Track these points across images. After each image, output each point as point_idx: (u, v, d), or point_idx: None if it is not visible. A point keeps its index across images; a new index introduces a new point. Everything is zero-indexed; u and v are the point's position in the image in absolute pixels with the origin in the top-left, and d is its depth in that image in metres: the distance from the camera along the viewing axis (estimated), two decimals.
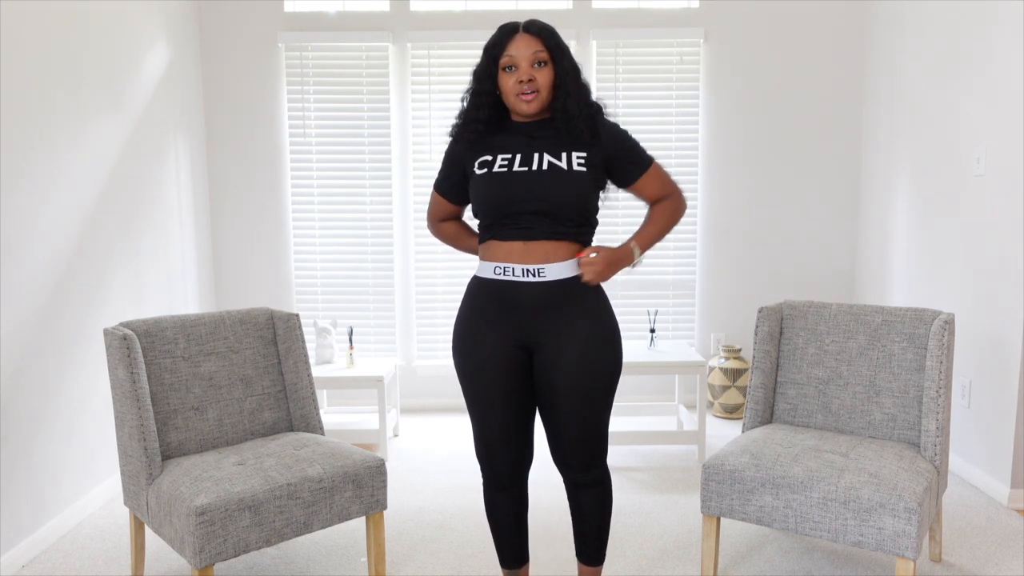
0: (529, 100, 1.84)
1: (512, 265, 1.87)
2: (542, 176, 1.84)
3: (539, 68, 1.84)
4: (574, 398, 1.89)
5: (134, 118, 3.43)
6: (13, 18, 2.61)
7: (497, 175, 1.87)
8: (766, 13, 4.24)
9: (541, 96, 1.85)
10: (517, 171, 1.85)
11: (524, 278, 1.87)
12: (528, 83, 1.83)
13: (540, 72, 1.84)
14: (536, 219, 1.85)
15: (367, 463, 2.32)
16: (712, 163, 4.34)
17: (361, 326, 4.42)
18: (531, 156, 1.87)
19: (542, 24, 1.88)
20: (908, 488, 2.06)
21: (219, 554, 2.04)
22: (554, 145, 1.87)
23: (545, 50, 1.84)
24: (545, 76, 1.85)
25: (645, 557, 2.59)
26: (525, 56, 1.83)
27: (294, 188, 4.36)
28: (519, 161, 1.86)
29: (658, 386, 4.48)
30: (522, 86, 1.83)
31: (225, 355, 2.51)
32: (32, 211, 2.70)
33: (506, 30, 1.87)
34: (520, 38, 1.85)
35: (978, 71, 3.17)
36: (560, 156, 1.86)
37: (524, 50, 1.83)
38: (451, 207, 2.10)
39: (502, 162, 1.88)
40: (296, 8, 4.26)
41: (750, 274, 4.41)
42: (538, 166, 1.85)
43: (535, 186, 1.83)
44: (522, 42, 1.84)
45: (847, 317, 2.54)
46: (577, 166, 1.85)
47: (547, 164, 1.85)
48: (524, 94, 1.83)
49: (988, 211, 3.10)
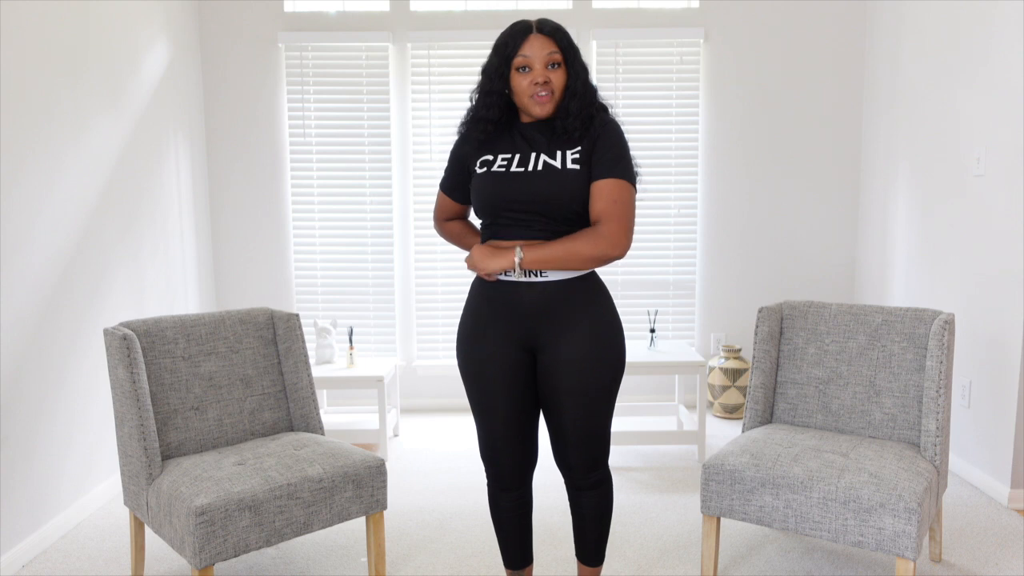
0: (544, 102, 1.83)
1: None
2: (537, 176, 1.83)
3: (553, 70, 1.83)
4: (576, 399, 1.89)
5: (134, 118, 3.43)
6: (13, 18, 2.61)
7: (495, 175, 1.87)
8: (766, 13, 4.24)
9: (555, 98, 1.84)
10: (514, 171, 1.85)
11: (525, 279, 1.87)
12: (544, 85, 1.82)
13: (554, 74, 1.83)
14: (534, 219, 1.84)
15: (367, 463, 2.32)
16: (712, 163, 4.34)
17: (361, 326, 4.42)
18: (528, 157, 1.86)
19: (555, 24, 1.86)
20: (908, 488, 2.06)
21: (219, 554, 2.04)
22: (551, 145, 1.87)
23: (559, 51, 1.83)
24: (559, 78, 1.84)
25: (645, 557, 2.59)
26: (540, 57, 1.82)
27: (294, 188, 4.36)
28: (517, 162, 1.86)
29: (658, 386, 4.48)
30: (537, 88, 1.82)
31: (225, 355, 2.51)
32: (32, 211, 2.70)
33: (519, 29, 1.85)
34: (535, 39, 1.83)
35: (978, 71, 3.17)
36: (555, 155, 1.85)
37: (539, 51, 1.82)
38: (456, 206, 2.10)
39: (501, 162, 1.88)
40: (296, 8, 4.26)
41: (750, 274, 4.41)
42: (534, 167, 1.85)
43: (530, 186, 1.83)
44: (537, 43, 1.83)
45: (847, 317, 2.54)
46: (571, 163, 1.83)
47: (543, 164, 1.84)
48: (539, 96, 1.83)
49: (988, 211, 3.10)
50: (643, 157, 4.28)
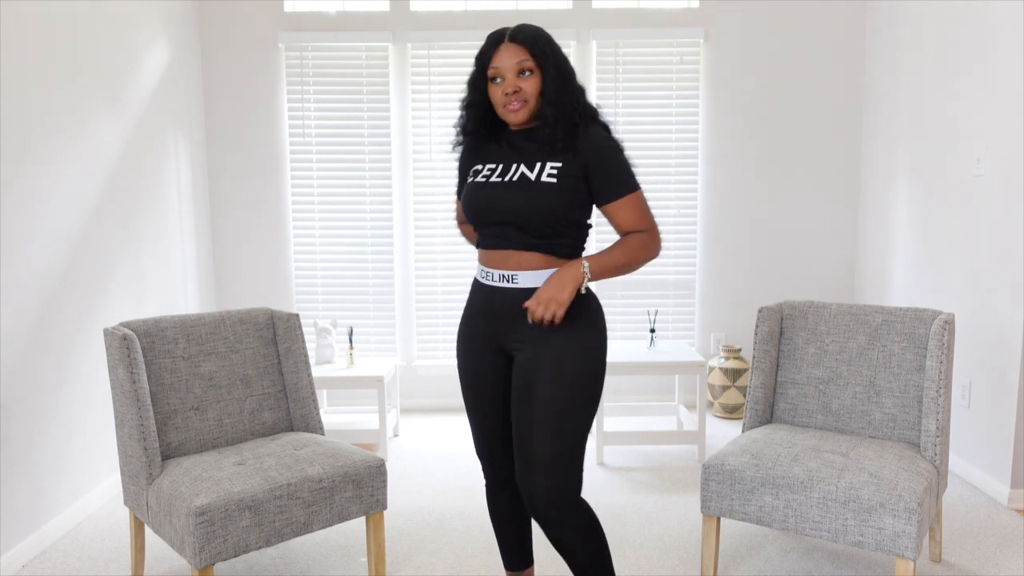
0: (515, 110, 1.81)
1: (492, 270, 1.88)
2: (510, 187, 1.81)
3: (524, 77, 1.80)
4: (531, 410, 1.78)
5: (134, 118, 3.43)
6: (13, 18, 2.61)
7: (477, 185, 1.88)
8: (766, 13, 4.24)
9: (529, 105, 1.81)
10: (493, 182, 1.85)
11: (500, 283, 1.86)
12: (513, 94, 1.80)
13: (526, 81, 1.80)
14: (506, 229, 1.83)
15: (367, 463, 2.32)
16: (712, 163, 4.34)
17: (361, 326, 4.42)
18: (510, 167, 1.85)
19: (530, 31, 1.82)
20: (908, 488, 2.06)
21: (219, 554, 2.04)
22: (533, 155, 1.83)
23: (531, 58, 1.79)
24: (532, 85, 1.80)
25: (645, 557, 2.59)
26: (509, 66, 1.79)
27: (294, 188, 4.36)
28: (499, 172, 1.86)
29: (658, 386, 4.48)
30: (508, 97, 1.80)
31: (225, 355, 2.51)
32: (32, 211, 2.70)
33: (492, 39, 1.83)
34: (504, 48, 1.80)
35: (978, 71, 3.17)
36: (534, 166, 1.81)
37: (508, 60, 1.79)
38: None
39: (486, 172, 1.88)
40: (296, 8, 4.26)
41: (750, 274, 4.41)
42: (511, 177, 1.83)
43: (501, 198, 1.82)
44: (506, 52, 1.80)
45: (847, 317, 2.54)
46: (547, 177, 1.78)
47: (519, 175, 1.82)
48: (510, 105, 1.81)
49: (988, 211, 3.10)
50: (643, 157, 4.28)
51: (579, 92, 1.83)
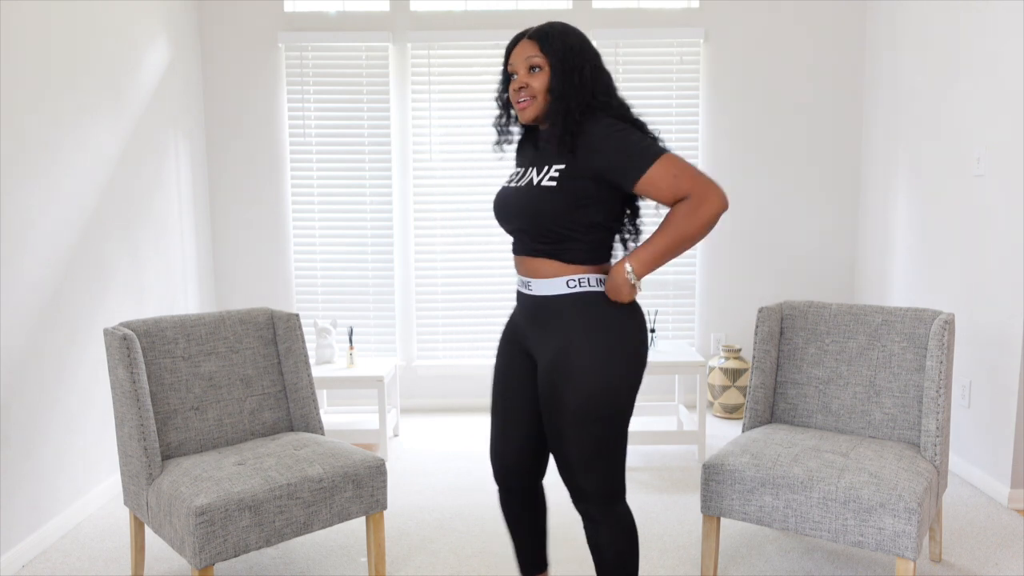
0: (523, 108, 1.79)
1: (518, 276, 1.90)
2: (519, 194, 1.80)
3: (533, 74, 1.77)
4: (550, 416, 1.79)
5: (134, 118, 3.43)
6: (13, 18, 2.61)
7: (500, 190, 1.89)
8: (766, 13, 4.24)
9: (537, 103, 1.77)
10: (510, 187, 1.85)
11: (523, 289, 1.88)
12: (520, 90, 1.78)
13: (534, 78, 1.76)
14: (521, 235, 1.83)
15: (367, 463, 2.32)
16: (712, 163, 4.34)
17: (361, 326, 4.42)
18: (527, 171, 1.83)
19: (545, 28, 1.78)
20: (908, 488, 2.06)
21: (219, 554, 2.04)
22: (547, 158, 1.79)
23: (540, 54, 1.75)
24: (539, 81, 1.76)
25: (645, 557, 2.59)
26: (520, 63, 1.78)
27: (294, 188, 4.36)
28: (519, 176, 1.85)
29: (658, 386, 4.48)
30: (517, 94, 1.79)
31: (225, 355, 2.51)
32: (32, 211, 2.70)
33: (515, 36, 1.84)
34: (520, 45, 1.80)
35: (978, 71, 3.17)
36: (542, 170, 1.77)
37: (519, 57, 1.78)
38: None
39: (511, 176, 1.90)
40: (296, 8, 4.26)
41: (750, 274, 4.41)
42: (522, 182, 1.81)
43: (511, 204, 1.81)
44: (519, 49, 1.79)
45: (847, 317, 2.54)
46: (547, 181, 1.73)
47: (527, 181, 1.79)
48: (518, 102, 1.79)
49: (988, 211, 3.10)
50: None
51: (586, 86, 1.73)
